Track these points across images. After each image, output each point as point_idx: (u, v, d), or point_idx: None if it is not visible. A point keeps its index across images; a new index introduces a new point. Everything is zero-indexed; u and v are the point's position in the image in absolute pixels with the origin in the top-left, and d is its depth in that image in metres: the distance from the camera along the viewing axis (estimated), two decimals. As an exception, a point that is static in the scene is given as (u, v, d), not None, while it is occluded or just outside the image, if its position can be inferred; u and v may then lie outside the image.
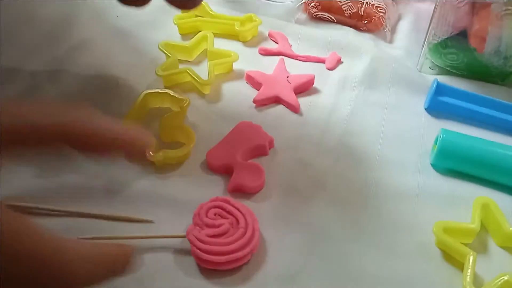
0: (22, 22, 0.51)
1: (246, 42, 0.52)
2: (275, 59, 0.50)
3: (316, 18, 0.57)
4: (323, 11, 0.56)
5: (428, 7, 0.53)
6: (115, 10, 0.54)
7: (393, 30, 0.57)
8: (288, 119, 0.44)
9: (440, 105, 0.46)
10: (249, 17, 0.53)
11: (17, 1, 0.51)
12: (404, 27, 0.58)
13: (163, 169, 0.39)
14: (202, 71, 0.47)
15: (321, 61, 0.51)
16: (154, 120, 0.43)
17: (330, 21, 0.56)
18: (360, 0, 0.55)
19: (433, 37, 0.49)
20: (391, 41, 0.56)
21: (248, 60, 0.49)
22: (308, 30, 0.55)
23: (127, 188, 0.37)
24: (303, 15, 0.57)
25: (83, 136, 0.26)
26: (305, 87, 0.47)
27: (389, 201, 0.38)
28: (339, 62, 0.51)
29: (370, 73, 0.49)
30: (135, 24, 0.53)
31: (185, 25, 0.52)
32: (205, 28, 0.52)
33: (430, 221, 0.36)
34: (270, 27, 0.54)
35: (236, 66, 0.48)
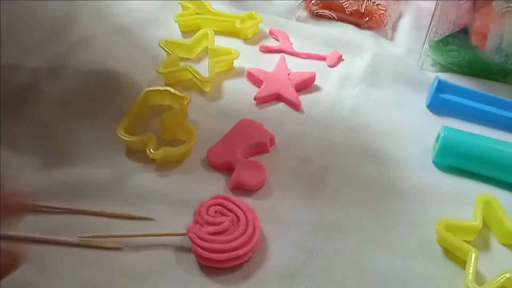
0: (23, 20, 0.51)
1: (247, 40, 0.52)
2: (276, 57, 0.50)
3: (317, 16, 0.57)
4: (324, 8, 0.56)
5: (429, 4, 0.52)
6: (115, 8, 0.54)
7: (394, 27, 0.57)
8: (289, 116, 0.44)
9: (441, 102, 0.46)
10: (250, 14, 0.53)
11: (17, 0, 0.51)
12: (405, 24, 0.57)
13: (164, 166, 0.39)
14: (203, 68, 0.47)
15: (322, 58, 0.50)
16: (154, 117, 0.42)
17: (331, 18, 0.56)
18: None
19: (434, 34, 0.49)
20: (392, 38, 0.55)
21: (249, 58, 0.49)
22: (309, 27, 0.54)
23: (128, 186, 0.37)
24: (304, 12, 0.57)
25: None
26: (306, 85, 0.47)
27: (391, 199, 0.38)
28: (340, 59, 0.51)
29: (371, 70, 0.49)
30: (135, 22, 0.53)
31: (185, 22, 0.52)
32: (205, 26, 0.51)
33: (431, 218, 0.36)
34: (271, 24, 0.54)
35: (237, 63, 0.48)
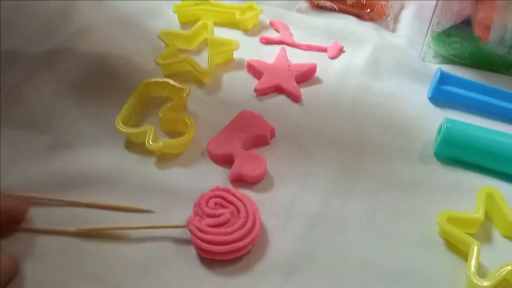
0: (22, 10, 0.50)
1: (247, 31, 0.52)
2: (277, 48, 0.49)
3: (317, 7, 0.56)
4: (325, -1, 0.56)
5: (431, -4, 0.52)
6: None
7: (396, 19, 0.56)
8: (290, 108, 0.44)
9: (443, 94, 0.45)
10: (250, 5, 0.52)
11: None
12: (407, 16, 0.57)
13: (163, 159, 0.39)
14: (202, 60, 0.46)
15: (323, 50, 0.50)
16: (153, 109, 0.42)
17: (332, 10, 0.56)
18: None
19: (436, 25, 0.48)
20: (393, 30, 0.55)
21: (249, 49, 0.49)
22: (309, 19, 0.54)
23: (127, 178, 0.37)
24: (304, 3, 0.57)
25: None
26: (307, 76, 0.47)
27: (392, 191, 0.38)
28: (341, 51, 0.50)
29: (373, 62, 0.49)
30: (134, 13, 0.52)
31: (185, 13, 0.51)
32: (205, 17, 0.51)
33: (433, 210, 0.35)
34: (271, 15, 0.53)
35: (237, 55, 0.48)
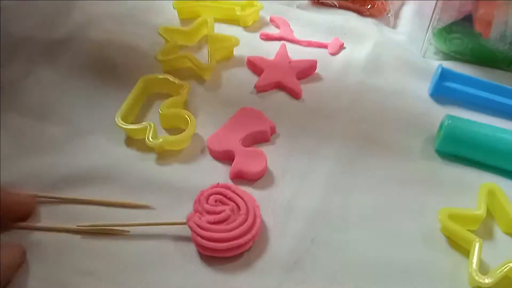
0: (21, 6, 0.50)
1: (247, 27, 0.51)
2: (277, 45, 0.49)
3: (318, 3, 0.56)
4: (325, -5, 0.55)
5: (433, -8, 0.52)
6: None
7: (397, 15, 0.56)
8: (290, 105, 0.44)
9: (444, 90, 0.45)
10: (250, 2, 0.52)
11: None
12: (407, 12, 0.57)
13: (163, 155, 0.38)
14: (202, 57, 0.46)
15: (323, 46, 0.50)
16: (153, 105, 0.42)
17: (332, 6, 0.55)
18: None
19: (437, 22, 0.48)
20: (394, 26, 0.55)
21: (249, 46, 0.48)
22: (310, 15, 0.54)
23: (127, 174, 0.37)
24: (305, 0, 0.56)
25: None
26: (308, 73, 0.46)
27: (393, 188, 0.37)
28: (341, 47, 0.50)
29: (373, 58, 0.48)
30: (134, 9, 0.52)
31: (185, 10, 0.51)
32: (205, 13, 0.51)
33: (435, 207, 0.35)
34: (271, 12, 0.53)
35: (237, 51, 0.48)
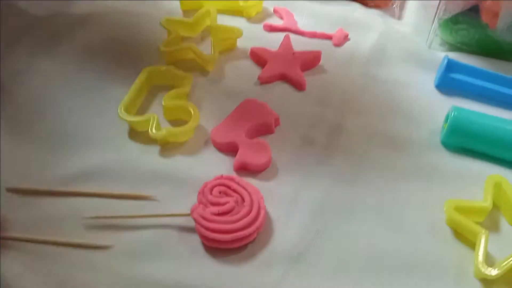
0: None
1: (250, 18, 0.51)
2: (281, 36, 0.48)
3: (322, -6, 0.55)
4: (330, -14, 0.54)
5: (438, -18, 0.51)
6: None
7: (402, 6, 0.55)
8: (294, 96, 0.43)
9: (450, 82, 0.44)
10: (253, -8, 0.52)
11: None
12: (413, 3, 0.56)
13: (167, 147, 0.38)
14: (205, 48, 0.45)
15: (327, 37, 0.49)
16: (156, 97, 0.42)
17: (337, -3, 0.55)
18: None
19: (443, 12, 0.48)
20: (399, 17, 0.54)
21: (253, 37, 0.48)
22: (314, 6, 0.53)
23: (131, 167, 0.37)
24: (309, -10, 0.56)
25: None
26: (312, 64, 0.46)
27: (399, 179, 0.37)
28: (346, 38, 0.50)
29: (378, 50, 0.48)
30: (136, 0, 0.51)
31: (187, 1, 0.51)
32: (208, 4, 0.50)
33: (440, 199, 0.35)
34: (275, 3, 0.53)
35: (240, 43, 0.47)
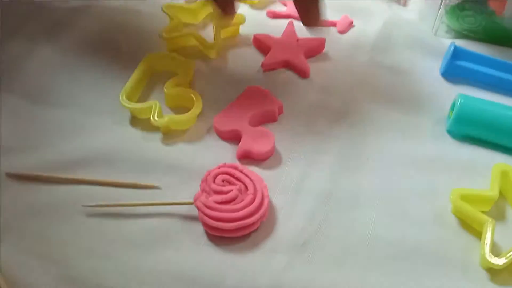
0: None
1: (253, 5, 0.50)
2: (284, 22, 0.47)
3: (326, -20, 0.54)
4: (334, -28, 0.54)
5: (445, -32, 0.50)
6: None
7: (408, -8, 0.55)
8: (298, 84, 0.43)
9: (456, 69, 0.44)
10: (257, -22, 0.51)
11: None
12: (418, -11, 0.55)
13: (170, 135, 0.38)
14: (208, 35, 0.45)
15: (332, 24, 0.48)
16: (158, 84, 0.41)
17: (341, -17, 0.54)
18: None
19: (450, -1, 0.47)
20: (405, 4, 0.53)
21: (256, 23, 0.47)
22: (318, -8, 0.52)
23: (133, 154, 0.36)
24: (313, -23, 0.55)
25: None
26: (316, 51, 0.45)
27: (404, 168, 0.37)
28: (350, 25, 0.49)
29: (383, 37, 0.47)
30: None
31: (189, -14, 0.50)
32: (210, -10, 0.49)
33: (446, 188, 0.35)
34: (278, -11, 0.52)
35: (243, 29, 0.46)
